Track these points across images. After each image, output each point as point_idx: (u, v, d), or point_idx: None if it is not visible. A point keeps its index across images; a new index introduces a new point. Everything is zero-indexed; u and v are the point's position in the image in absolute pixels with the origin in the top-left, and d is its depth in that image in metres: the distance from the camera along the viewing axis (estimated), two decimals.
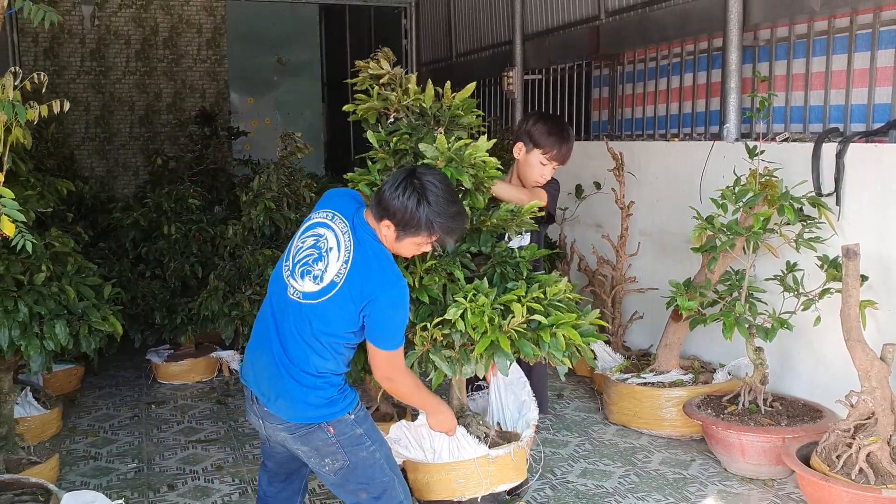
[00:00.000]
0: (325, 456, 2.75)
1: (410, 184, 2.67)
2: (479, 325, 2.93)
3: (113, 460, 4.46)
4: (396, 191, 2.66)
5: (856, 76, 4.38)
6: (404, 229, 2.68)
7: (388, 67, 3.32)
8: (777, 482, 3.99)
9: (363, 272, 2.66)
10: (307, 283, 2.71)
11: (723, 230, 4.14)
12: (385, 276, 2.67)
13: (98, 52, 10.28)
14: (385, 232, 2.70)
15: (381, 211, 2.69)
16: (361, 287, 2.64)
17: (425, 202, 2.65)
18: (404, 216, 2.65)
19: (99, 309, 3.99)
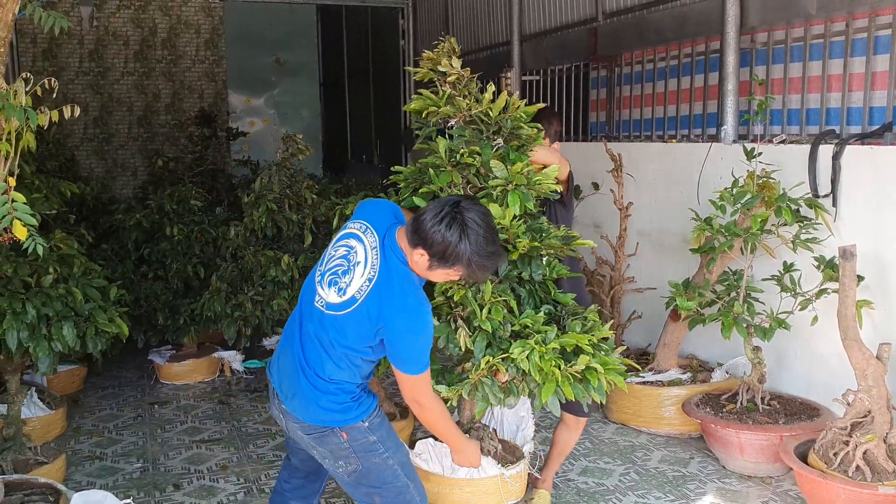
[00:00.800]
0: (338, 458, 2.79)
1: (455, 219, 2.61)
2: (546, 370, 2.88)
3: (118, 460, 4.50)
4: (440, 224, 2.60)
5: (852, 79, 4.43)
6: (439, 261, 2.64)
7: (458, 66, 3.18)
8: (775, 479, 4.05)
9: (383, 293, 2.65)
10: (332, 293, 2.72)
11: (721, 231, 4.20)
12: (405, 301, 2.65)
13: (96, 53, 10.32)
14: (418, 259, 2.67)
15: (419, 240, 2.64)
16: (379, 308, 2.64)
17: (467, 239, 2.60)
18: (443, 249, 2.61)
19: (105, 310, 4.03)
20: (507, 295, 3.00)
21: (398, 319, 2.63)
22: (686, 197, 5.10)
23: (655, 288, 5.33)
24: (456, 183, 3.08)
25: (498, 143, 3.18)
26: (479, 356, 2.93)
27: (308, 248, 5.36)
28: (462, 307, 2.94)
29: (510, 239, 3.04)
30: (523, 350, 2.87)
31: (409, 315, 2.64)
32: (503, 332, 2.96)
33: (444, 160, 3.10)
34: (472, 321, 2.94)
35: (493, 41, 8.52)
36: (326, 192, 5.96)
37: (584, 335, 2.99)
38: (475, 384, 2.93)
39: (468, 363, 2.99)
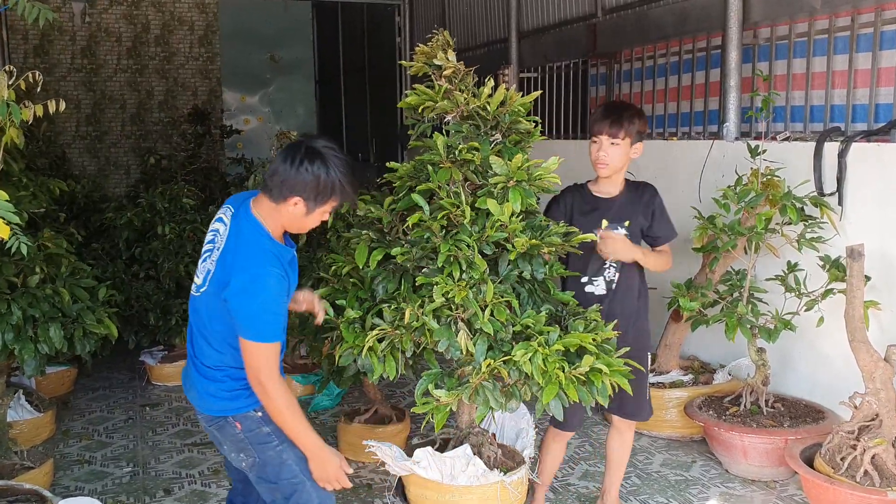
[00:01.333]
0: (239, 451, 2.74)
1: (313, 154, 2.61)
2: (550, 372, 2.78)
3: (108, 464, 4.40)
4: (302, 165, 2.59)
5: (857, 76, 4.35)
6: (316, 200, 2.63)
7: (454, 60, 3.11)
8: (779, 484, 3.97)
9: (227, 258, 2.63)
10: (200, 277, 2.72)
11: (725, 230, 4.11)
12: (246, 262, 2.58)
13: (89, 50, 10.22)
14: (293, 210, 2.62)
15: (287, 190, 2.60)
16: (222, 272, 2.61)
17: (333, 167, 2.61)
18: (315, 186, 2.60)
19: (94, 311, 3.94)
20: (510, 295, 2.91)
21: (235, 280, 2.56)
22: (687, 195, 5.02)
23: (656, 288, 5.20)
24: (455, 180, 2.99)
25: (496, 139, 3.08)
26: (480, 359, 2.83)
27: (303, 247, 5.25)
28: (463, 308, 2.85)
29: (510, 237, 2.95)
30: (526, 352, 2.77)
31: (245, 275, 2.56)
32: (504, 334, 2.87)
33: (442, 156, 3.01)
34: (474, 323, 2.85)
35: (491, 38, 8.43)
36: None
37: (588, 335, 2.90)
38: (476, 388, 2.83)
39: (469, 366, 2.89)
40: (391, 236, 3.14)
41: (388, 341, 2.88)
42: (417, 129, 3.24)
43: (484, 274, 2.89)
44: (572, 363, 2.81)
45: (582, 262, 3.31)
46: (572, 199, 3.41)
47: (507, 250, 2.98)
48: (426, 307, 2.84)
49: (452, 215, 2.95)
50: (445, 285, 2.82)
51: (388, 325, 2.90)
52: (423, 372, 2.97)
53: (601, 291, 3.38)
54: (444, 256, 2.86)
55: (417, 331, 2.86)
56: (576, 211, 3.39)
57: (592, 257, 3.33)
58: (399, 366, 2.92)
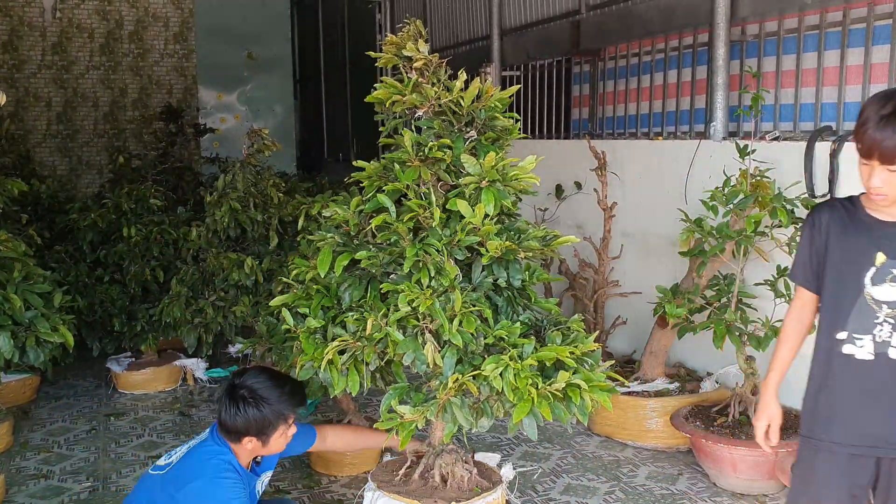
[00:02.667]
0: None
1: (240, 398, 2.87)
2: (521, 389, 2.60)
3: (66, 479, 4.17)
4: (233, 411, 2.87)
5: (849, 73, 4.20)
6: (262, 434, 2.89)
7: (425, 51, 2.95)
8: (769, 498, 3.81)
9: (187, 459, 2.91)
10: (167, 458, 3.02)
11: (712, 233, 3.95)
12: (202, 466, 2.85)
13: (60, 46, 9.97)
14: (250, 447, 2.92)
15: (235, 435, 2.89)
16: (180, 473, 2.86)
17: (263, 402, 2.87)
18: (257, 425, 2.87)
19: (48, 318, 3.74)
20: (482, 304, 2.72)
21: (192, 485, 2.80)
22: (673, 197, 4.86)
23: (641, 292, 5.09)
24: (424, 180, 2.80)
25: (471, 136, 2.89)
26: (448, 373, 2.65)
27: (273, 250, 5.05)
28: (430, 318, 2.65)
29: (483, 241, 2.76)
30: (497, 366, 2.59)
31: (201, 480, 2.80)
32: (475, 346, 2.68)
33: (410, 154, 2.81)
34: (442, 334, 2.65)
35: (473, 35, 8.26)
36: (295, 190, 5.66)
37: (566, 347, 2.72)
38: (444, 404, 2.64)
39: (435, 381, 2.70)
40: (358, 240, 2.95)
41: (351, 353, 2.69)
42: (388, 125, 3.04)
43: (454, 281, 2.69)
44: (549, 378, 2.62)
45: (837, 309, 2.39)
46: (830, 216, 2.42)
47: (480, 255, 2.79)
48: (390, 317, 2.65)
49: (421, 217, 2.75)
50: (411, 293, 2.62)
51: (350, 336, 2.71)
52: (391, 385, 2.78)
53: (866, 356, 2.34)
54: (410, 261, 2.67)
55: (381, 342, 2.67)
56: (834, 231, 2.40)
57: (859, 303, 2.34)
58: (364, 379, 2.73)
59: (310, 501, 3.86)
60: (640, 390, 4.52)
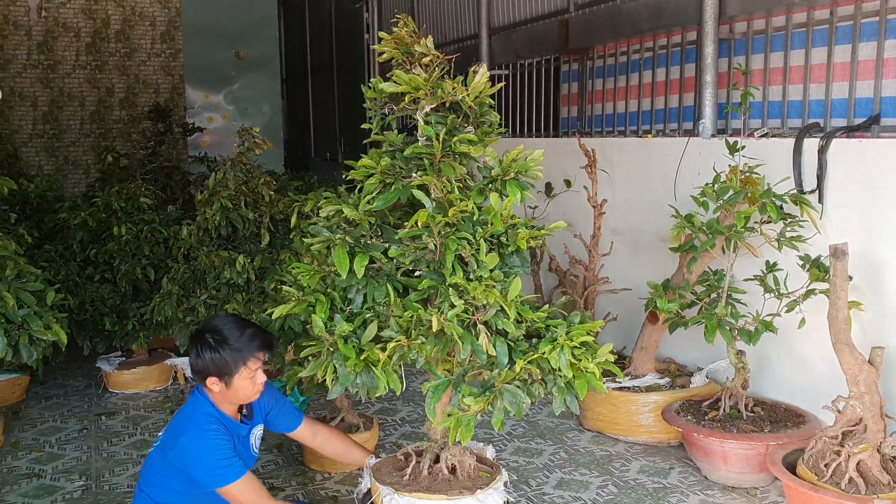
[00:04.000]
0: None
1: (202, 340, 3.02)
2: (582, 365, 2.78)
3: (58, 478, 4.16)
4: (196, 352, 3.03)
5: (836, 70, 4.25)
6: (224, 375, 3.00)
7: (431, 46, 3.01)
8: (760, 491, 3.85)
9: (179, 418, 3.09)
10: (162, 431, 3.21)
11: (703, 229, 3.98)
12: (186, 422, 3.02)
13: (46, 45, 9.91)
14: (215, 389, 3.03)
15: (201, 376, 3.04)
16: (169, 435, 3.07)
17: (223, 343, 2.99)
18: (216, 365, 2.98)
19: (41, 317, 3.73)
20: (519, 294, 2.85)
21: (179, 443, 2.96)
22: (662, 194, 4.90)
23: (630, 289, 5.12)
24: (459, 174, 2.87)
25: (469, 131, 2.92)
26: (503, 360, 2.76)
27: (265, 249, 5.05)
28: (483, 309, 2.73)
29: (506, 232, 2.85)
30: (553, 348, 2.73)
31: (186, 436, 2.96)
32: (517, 332, 2.79)
33: (437, 148, 2.84)
34: (495, 324, 2.75)
35: (461, 34, 8.27)
36: (286, 188, 5.65)
37: (584, 326, 2.84)
38: (500, 391, 2.73)
39: (492, 370, 2.79)
40: (367, 238, 2.94)
41: (401, 354, 2.72)
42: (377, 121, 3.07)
43: (494, 272, 2.79)
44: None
45: None
46: None
47: (503, 246, 2.87)
48: (448, 312, 2.69)
49: (451, 213, 2.80)
50: (468, 285, 2.69)
51: (402, 336, 2.73)
52: (425, 383, 2.84)
53: None
54: (451, 255, 2.72)
55: (438, 339, 2.71)
56: None
57: None
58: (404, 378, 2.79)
59: (304, 497, 3.87)
60: (630, 386, 4.54)
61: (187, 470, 2.98)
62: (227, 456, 2.97)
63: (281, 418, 3.44)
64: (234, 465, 2.97)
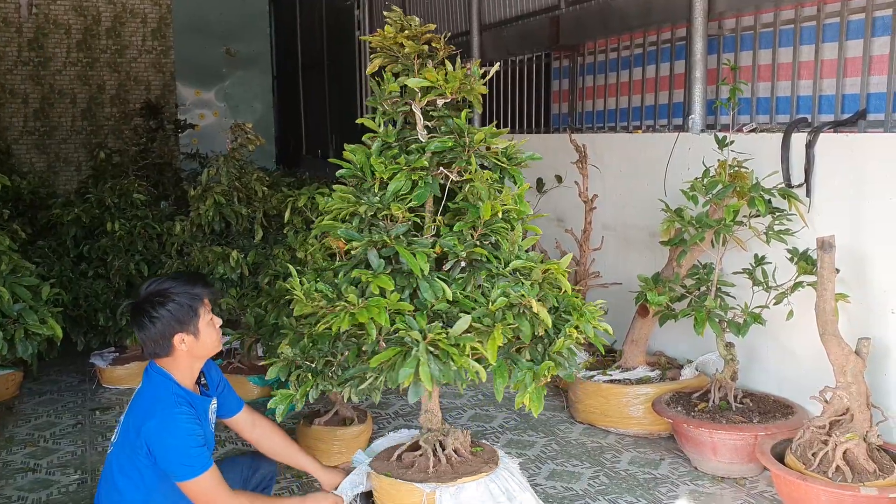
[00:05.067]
0: None
1: (148, 306, 2.81)
2: None
3: (54, 472, 4.18)
4: (148, 319, 2.80)
5: (824, 66, 4.30)
6: (187, 324, 2.82)
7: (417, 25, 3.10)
8: (749, 481, 3.90)
9: (134, 408, 2.87)
10: (116, 430, 2.96)
11: (692, 223, 4.03)
12: (151, 406, 2.79)
13: (36, 42, 9.89)
14: (183, 348, 2.84)
15: (165, 345, 2.83)
16: (134, 420, 2.82)
17: (169, 293, 2.82)
18: (176, 317, 2.80)
19: (36, 311, 3.75)
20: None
21: (145, 427, 2.74)
22: (652, 189, 4.95)
23: (621, 283, 5.17)
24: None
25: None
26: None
27: (259, 244, 5.08)
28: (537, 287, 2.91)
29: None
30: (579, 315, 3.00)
31: (153, 420, 2.74)
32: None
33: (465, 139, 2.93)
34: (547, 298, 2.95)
35: (452, 31, 8.29)
36: (278, 184, 5.68)
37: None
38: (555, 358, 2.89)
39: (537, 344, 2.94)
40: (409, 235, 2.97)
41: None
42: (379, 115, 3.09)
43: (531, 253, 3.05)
44: None
45: None
46: None
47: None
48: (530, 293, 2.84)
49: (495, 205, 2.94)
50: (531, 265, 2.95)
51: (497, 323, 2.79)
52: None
53: None
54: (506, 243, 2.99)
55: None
56: None
57: None
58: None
59: (299, 490, 3.90)
60: (621, 378, 4.60)
61: (155, 457, 2.77)
62: (197, 444, 2.77)
63: (223, 399, 3.19)
64: (200, 455, 2.77)
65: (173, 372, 2.88)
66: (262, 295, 4.54)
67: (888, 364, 3.66)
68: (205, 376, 3.08)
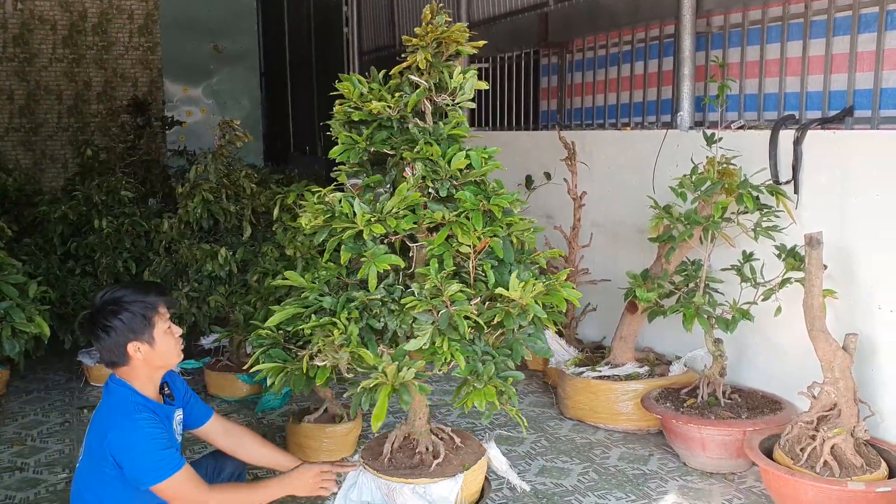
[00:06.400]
0: None
1: (102, 316, 2.76)
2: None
3: (41, 470, 4.16)
4: (102, 330, 2.75)
5: (811, 63, 4.32)
6: (142, 334, 2.76)
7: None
8: (738, 476, 3.92)
9: (97, 419, 2.81)
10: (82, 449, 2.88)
11: (681, 220, 4.05)
12: (111, 417, 2.75)
13: (21, 38, 9.81)
14: (139, 356, 2.78)
15: (120, 349, 2.77)
16: (96, 434, 2.76)
17: (123, 302, 2.76)
18: (130, 326, 2.75)
19: (23, 309, 3.73)
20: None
21: (109, 437, 2.69)
22: (641, 186, 4.96)
23: (610, 280, 5.18)
24: None
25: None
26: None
27: (247, 241, 5.06)
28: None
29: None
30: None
31: (116, 429, 2.70)
32: None
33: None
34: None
35: None
36: (266, 181, 5.66)
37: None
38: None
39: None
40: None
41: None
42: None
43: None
44: None
45: None
46: None
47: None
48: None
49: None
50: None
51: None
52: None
53: None
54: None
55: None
56: None
57: None
58: None
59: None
60: (610, 374, 4.61)
61: (122, 467, 2.71)
62: (163, 447, 2.72)
63: (190, 409, 3.14)
64: (169, 457, 2.72)
65: (133, 382, 2.83)
66: (251, 292, 4.53)
67: (875, 359, 3.69)
68: (169, 387, 3.03)
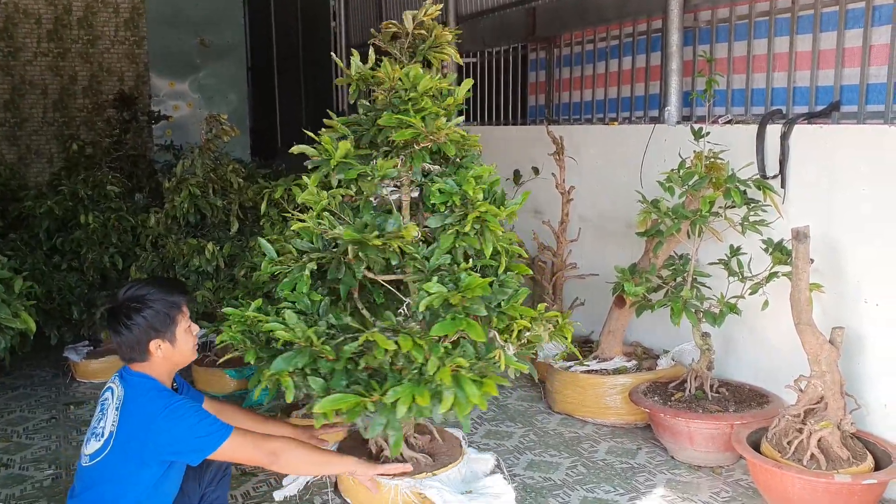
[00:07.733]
0: None
1: (125, 312, 2.78)
2: None
3: (27, 467, 4.13)
4: (125, 325, 2.77)
5: (799, 58, 4.34)
6: (164, 331, 2.80)
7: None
8: (725, 469, 3.94)
9: (134, 408, 2.76)
10: (95, 441, 2.79)
11: (668, 214, 4.06)
12: (152, 402, 2.75)
13: (6, 32, 9.72)
14: (161, 354, 2.82)
15: (141, 351, 2.80)
16: (140, 421, 2.73)
17: (147, 299, 2.79)
18: (154, 323, 2.78)
19: (9, 305, 3.70)
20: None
21: (155, 422, 2.71)
22: (629, 180, 4.97)
23: (598, 274, 5.19)
24: None
25: None
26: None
27: (234, 236, 5.04)
28: None
29: None
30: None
31: (162, 411, 2.72)
32: None
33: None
34: None
35: None
36: (254, 176, 5.64)
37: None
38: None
39: None
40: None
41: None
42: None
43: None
44: None
45: None
46: None
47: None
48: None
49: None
50: None
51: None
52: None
53: None
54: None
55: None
56: None
57: None
58: None
59: (276, 483, 3.88)
60: (598, 369, 4.62)
61: (170, 453, 2.74)
62: (206, 416, 2.77)
63: (187, 395, 3.10)
64: (216, 423, 2.76)
65: (152, 369, 2.87)
66: (239, 287, 4.51)
67: (861, 353, 3.71)
68: (175, 381, 3.06)
